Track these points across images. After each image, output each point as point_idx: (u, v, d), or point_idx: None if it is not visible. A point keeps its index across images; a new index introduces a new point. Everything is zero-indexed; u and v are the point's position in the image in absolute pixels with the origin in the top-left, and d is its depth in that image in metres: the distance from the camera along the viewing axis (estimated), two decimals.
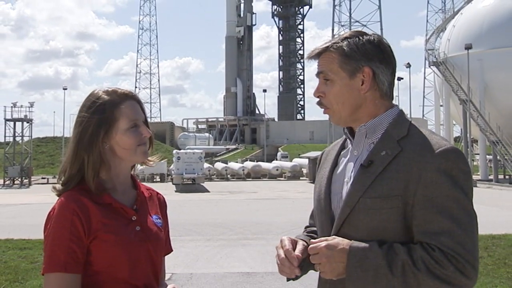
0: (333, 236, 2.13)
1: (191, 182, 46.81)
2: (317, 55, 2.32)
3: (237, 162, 71.20)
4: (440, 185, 2.01)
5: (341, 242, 2.07)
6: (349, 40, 2.26)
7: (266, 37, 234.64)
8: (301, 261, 2.19)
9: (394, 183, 2.08)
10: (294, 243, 2.25)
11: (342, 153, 2.41)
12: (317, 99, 2.32)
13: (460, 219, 1.99)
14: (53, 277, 2.16)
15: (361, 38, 2.26)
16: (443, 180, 2.02)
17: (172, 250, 2.59)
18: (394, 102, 2.35)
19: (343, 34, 2.32)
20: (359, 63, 2.22)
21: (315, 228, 2.48)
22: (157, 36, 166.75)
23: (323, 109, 2.34)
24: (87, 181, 2.29)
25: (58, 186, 2.36)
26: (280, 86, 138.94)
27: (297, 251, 2.20)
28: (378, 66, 2.23)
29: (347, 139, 2.39)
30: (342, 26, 73.29)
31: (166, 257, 2.54)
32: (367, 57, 2.22)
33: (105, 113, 2.32)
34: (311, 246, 2.11)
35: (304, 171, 59.43)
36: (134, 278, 2.27)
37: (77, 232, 2.18)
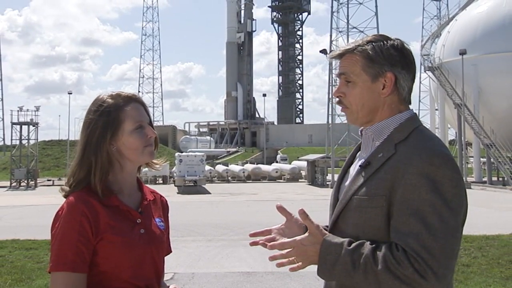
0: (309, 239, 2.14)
1: (192, 184, 46.70)
2: (340, 55, 2.31)
3: (237, 164, 71.28)
4: (418, 188, 2.00)
5: (314, 240, 2.11)
6: (373, 44, 2.24)
7: (266, 43, 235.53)
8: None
9: (381, 183, 2.09)
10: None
11: (357, 154, 2.43)
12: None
13: (431, 224, 1.95)
14: (60, 275, 2.16)
15: (385, 42, 2.25)
16: (422, 183, 2.00)
17: (171, 251, 2.59)
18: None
19: (366, 37, 2.31)
20: (382, 68, 2.21)
21: None
22: (159, 42, 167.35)
23: (341, 107, 2.34)
24: (94, 184, 2.29)
25: (65, 187, 2.36)
26: (280, 90, 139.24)
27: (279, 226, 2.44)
28: (400, 71, 2.22)
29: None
30: (340, 32, 72.76)
31: (168, 257, 2.54)
32: (390, 62, 2.21)
33: (110, 116, 2.32)
34: (286, 241, 2.16)
35: (303, 173, 59.52)
36: (137, 279, 2.28)
37: (85, 232, 2.18)
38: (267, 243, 2.31)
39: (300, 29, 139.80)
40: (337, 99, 2.33)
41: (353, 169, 2.32)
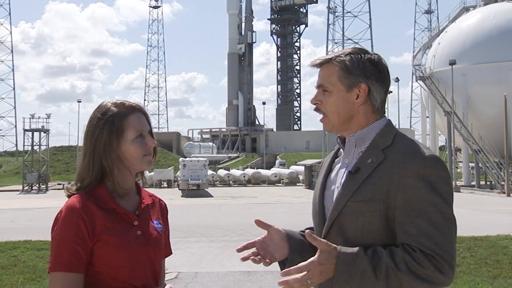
0: (318, 253, 2.05)
1: (196, 187, 46.63)
2: (319, 64, 2.32)
3: (238, 169, 71.11)
4: (418, 190, 2.02)
5: (329, 255, 2.03)
6: (351, 55, 2.26)
7: (265, 54, 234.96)
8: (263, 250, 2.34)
9: (376, 188, 2.09)
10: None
11: (335, 160, 2.42)
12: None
13: (437, 221, 1.99)
14: (58, 276, 2.16)
15: (362, 56, 2.26)
16: (421, 185, 2.02)
17: (171, 253, 2.57)
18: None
19: (346, 50, 2.32)
20: (357, 79, 2.23)
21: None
22: (164, 53, 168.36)
23: (320, 116, 2.34)
24: (111, 185, 2.31)
25: (71, 188, 2.36)
26: (278, 99, 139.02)
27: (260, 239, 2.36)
28: (374, 84, 2.24)
29: (340, 148, 2.41)
30: (336, 43, 73.39)
31: (172, 257, 2.53)
32: (365, 75, 2.23)
33: (114, 125, 2.32)
34: (301, 267, 2.06)
35: (301, 177, 59.44)
36: (134, 279, 2.27)
37: (82, 234, 2.18)
38: (257, 258, 2.31)
39: (298, 40, 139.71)
40: (315, 106, 2.35)
41: (336, 175, 2.32)
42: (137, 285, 2.28)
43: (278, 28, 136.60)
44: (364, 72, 2.23)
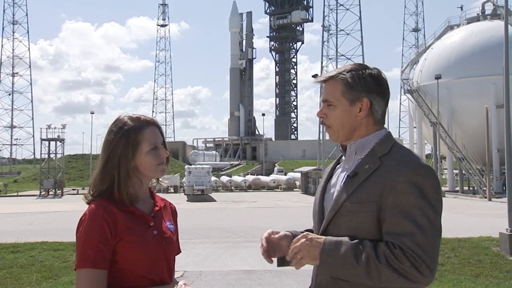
0: (313, 234, 2.17)
1: (200, 193, 46.60)
2: (323, 81, 2.34)
3: (239, 175, 71.10)
4: (408, 195, 2.03)
5: (318, 237, 2.13)
6: (353, 72, 2.27)
7: (265, 69, 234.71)
8: (271, 247, 2.31)
9: (371, 191, 2.11)
10: (275, 233, 2.36)
11: (337, 166, 2.45)
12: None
13: (422, 225, 1.99)
14: (84, 272, 2.19)
15: (363, 71, 2.27)
16: (411, 190, 2.03)
17: (181, 251, 2.61)
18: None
19: (347, 66, 2.34)
20: (359, 94, 2.24)
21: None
22: (171, 68, 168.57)
23: (325, 127, 2.37)
24: (121, 193, 2.34)
25: (88, 196, 2.40)
26: (277, 110, 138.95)
27: (275, 237, 2.33)
28: (375, 97, 2.26)
29: (342, 155, 2.43)
30: (330, 59, 73.26)
31: (178, 257, 2.56)
32: (367, 90, 2.24)
33: (130, 137, 2.36)
34: (294, 240, 2.16)
35: (297, 183, 59.42)
36: (152, 274, 2.31)
37: (105, 234, 2.22)
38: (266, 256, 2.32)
39: (295, 56, 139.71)
40: (321, 119, 2.38)
41: (336, 179, 2.34)
42: (155, 279, 2.33)
43: (276, 45, 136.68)
44: (366, 87, 2.25)
